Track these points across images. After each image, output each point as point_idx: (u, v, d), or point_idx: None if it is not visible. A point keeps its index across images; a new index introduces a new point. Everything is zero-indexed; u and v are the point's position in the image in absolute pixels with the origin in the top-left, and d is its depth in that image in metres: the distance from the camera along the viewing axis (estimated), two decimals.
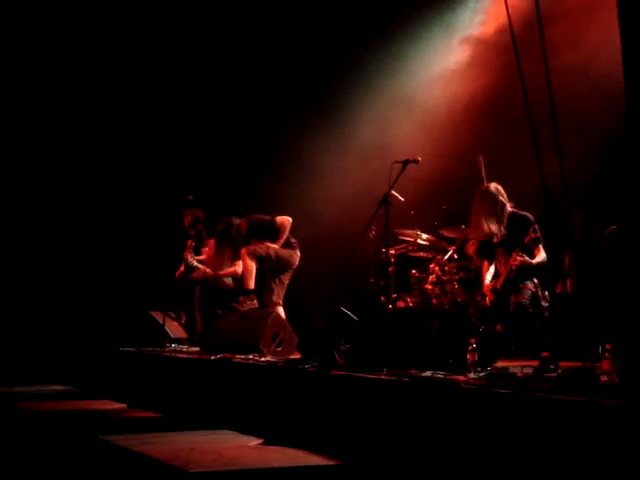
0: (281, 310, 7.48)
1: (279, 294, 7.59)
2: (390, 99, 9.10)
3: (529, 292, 5.77)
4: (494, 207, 5.96)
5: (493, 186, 6.11)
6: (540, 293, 5.83)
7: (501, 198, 6.01)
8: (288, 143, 9.40)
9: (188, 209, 8.42)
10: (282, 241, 7.47)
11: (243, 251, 7.45)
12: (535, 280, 5.85)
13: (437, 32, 8.97)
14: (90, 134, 9.69)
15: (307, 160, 9.26)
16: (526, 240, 5.66)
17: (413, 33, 8.98)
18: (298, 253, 7.60)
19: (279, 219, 7.51)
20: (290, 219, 7.53)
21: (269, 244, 7.45)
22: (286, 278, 7.64)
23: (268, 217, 7.59)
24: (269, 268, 7.55)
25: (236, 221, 7.65)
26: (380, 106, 9.16)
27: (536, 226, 5.91)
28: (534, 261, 5.81)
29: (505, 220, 5.98)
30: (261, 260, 7.42)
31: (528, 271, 5.81)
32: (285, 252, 7.51)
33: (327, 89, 9.33)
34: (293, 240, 7.61)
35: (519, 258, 5.70)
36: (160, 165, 9.76)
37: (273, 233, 7.51)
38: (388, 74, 9.11)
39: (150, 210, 9.57)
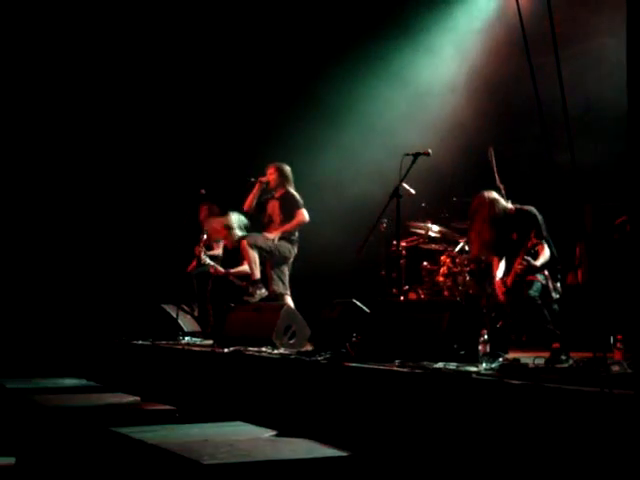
0: (289, 300, 7.54)
1: (285, 284, 7.67)
2: (402, 92, 9.10)
3: (539, 284, 5.78)
4: (496, 216, 6.03)
5: (486, 197, 6.13)
6: (551, 285, 5.84)
7: (497, 206, 6.05)
8: (298, 138, 9.41)
9: (204, 203, 8.46)
10: (285, 230, 7.57)
11: (243, 242, 7.55)
12: (546, 272, 5.85)
13: (449, 23, 8.98)
14: (103, 127, 9.71)
15: (319, 153, 9.27)
16: (529, 245, 5.68)
17: (425, 24, 8.98)
18: (295, 250, 7.74)
19: (302, 211, 7.60)
20: (307, 219, 7.66)
21: (270, 235, 7.52)
22: (286, 269, 7.73)
23: (300, 203, 7.70)
24: (268, 259, 7.63)
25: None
26: (390, 98, 9.16)
27: (540, 223, 5.92)
28: (538, 262, 5.83)
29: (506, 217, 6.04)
30: (261, 250, 7.51)
31: (535, 269, 5.83)
32: (284, 246, 7.61)
33: (338, 79, 9.34)
34: (295, 237, 7.70)
35: (524, 262, 5.73)
36: (173, 159, 9.78)
37: (289, 216, 7.65)
38: (401, 67, 9.11)
39: (163, 204, 9.60)
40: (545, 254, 5.87)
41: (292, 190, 7.81)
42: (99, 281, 9.55)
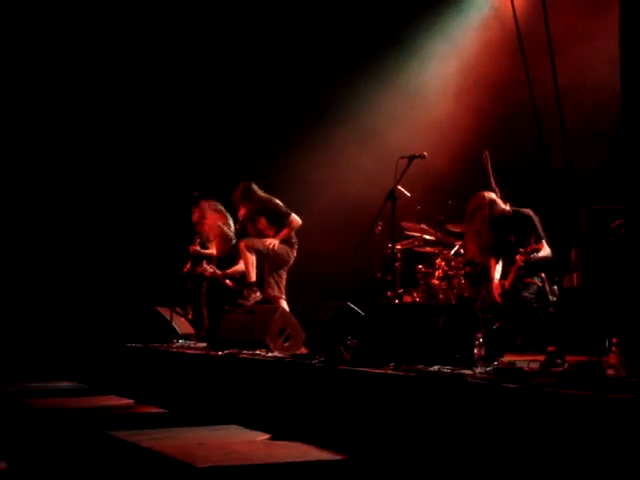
0: (284, 304, 7.51)
1: (280, 288, 7.64)
2: (397, 94, 9.11)
3: (535, 287, 5.76)
4: (495, 218, 6.01)
5: (486, 197, 6.10)
6: (548, 288, 5.82)
7: (497, 207, 6.04)
8: (295, 141, 9.42)
9: (195, 205, 8.45)
10: (282, 237, 7.54)
11: (242, 244, 7.51)
12: (542, 275, 5.84)
13: (443, 25, 8.98)
14: (97, 130, 9.70)
15: (315, 156, 9.27)
16: (528, 249, 5.66)
17: (420, 27, 8.99)
18: (294, 253, 7.68)
19: (292, 217, 7.57)
20: (300, 222, 7.60)
21: (268, 240, 7.52)
22: (283, 273, 7.69)
23: (285, 209, 7.64)
24: (266, 263, 7.61)
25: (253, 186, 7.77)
26: (387, 101, 9.16)
27: (537, 226, 5.91)
28: (540, 254, 5.81)
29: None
30: (259, 254, 7.49)
31: (536, 266, 5.80)
32: (282, 249, 7.57)
33: (335, 82, 9.34)
34: (294, 240, 7.67)
35: (524, 255, 5.71)
36: (167, 161, 9.77)
37: (281, 225, 7.58)
38: (396, 69, 9.12)
39: (157, 206, 9.59)
40: (546, 250, 5.86)
41: (267, 197, 7.73)
42: (93, 284, 9.53)
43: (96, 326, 8.85)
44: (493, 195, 6.12)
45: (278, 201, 7.71)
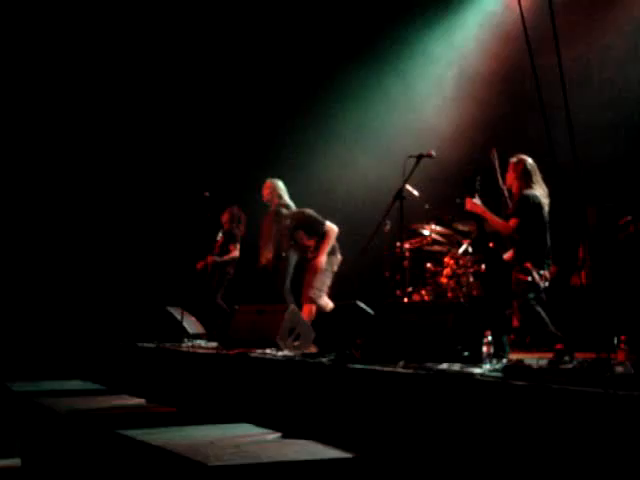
0: (321, 302, 7.53)
1: (320, 292, 7.63)
2: (404, 93, 9.12)
3: (524, 283, 5.69)
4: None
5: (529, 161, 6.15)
6: (537, 276, 5.75)
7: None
8: (302, 139, 9.44)
9: (230, 206, 8.63)
10: (324, 252, 7.51)
11: (306, 297, 7.50)
12: (528, 265, 5.79)
13: (449, 24, 9.00)
14: (110, 128, 9.75)
15: (322, 157, 9.29)
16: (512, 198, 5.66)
17: (426, 25, 9.01)
18: (338, 256, 7.69)
19: (328, 225, 7.55)
20: (336, 229, 7.57)
21: (319, 278, 7.52)
22: (327, 280, 7.69)
23: (319, 218, 7.62)
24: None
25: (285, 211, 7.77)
26: (394, 100, 9.18)
27: (524, 202, 5.91)
28: (479, 201, 5.86)
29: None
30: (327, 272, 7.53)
31: (522, 257, 5.80)
32: (328, 263, 7.58)
33: (339, 80, 9.37)
34: (336, 245, 7.67)
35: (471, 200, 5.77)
36: (178, 162, 9.82)
37: (318, 234, 7.57)
38: (401, 67, 9.14)
39: (168, 206, 9.64)
40: (507, 225, 5.88)
41: (297, 213, 7.71)
42: (104, 284, 9.58)
43: (108, 326, 8.90)
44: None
45: (310, 211, 7.67)
